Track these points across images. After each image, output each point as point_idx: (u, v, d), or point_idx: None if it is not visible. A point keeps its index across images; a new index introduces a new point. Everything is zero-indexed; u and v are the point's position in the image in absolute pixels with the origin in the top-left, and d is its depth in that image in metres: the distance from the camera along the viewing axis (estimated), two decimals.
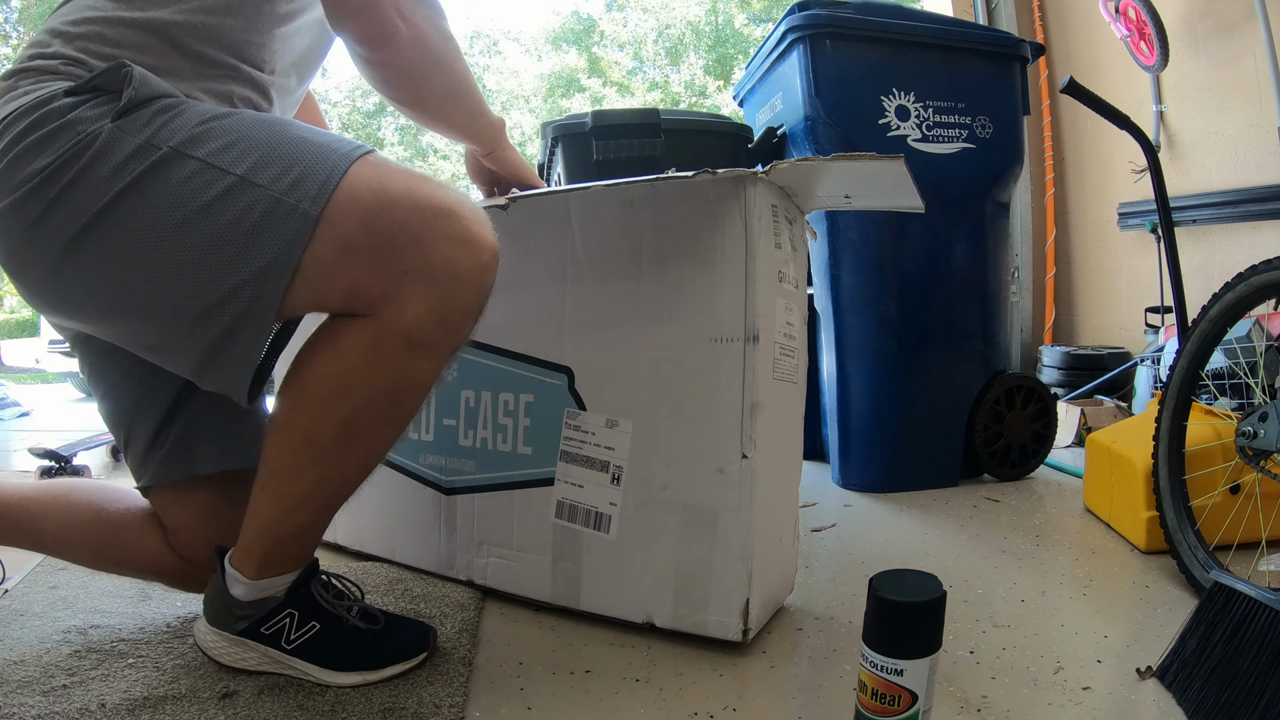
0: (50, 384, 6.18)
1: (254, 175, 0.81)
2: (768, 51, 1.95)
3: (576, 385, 1.11)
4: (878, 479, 1.86)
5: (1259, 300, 1.18)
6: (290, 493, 0.90)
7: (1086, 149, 3.19)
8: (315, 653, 0.96)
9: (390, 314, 0.83)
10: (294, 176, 0.81)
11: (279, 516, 0.91)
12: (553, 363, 1.13)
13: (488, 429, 1.20)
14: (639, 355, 1.06)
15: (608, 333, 1.08)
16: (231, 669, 0.97)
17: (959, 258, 1.85)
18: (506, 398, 1.17)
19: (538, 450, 1.14)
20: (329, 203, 0.81)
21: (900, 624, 0.70)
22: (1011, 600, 1.21)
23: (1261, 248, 2.33)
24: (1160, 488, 1.28)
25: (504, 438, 1.18)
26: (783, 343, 1.06)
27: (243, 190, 0.80)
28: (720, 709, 0.91)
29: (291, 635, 0.95)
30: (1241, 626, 0.91)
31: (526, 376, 1.15)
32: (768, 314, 1.01)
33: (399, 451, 1.31)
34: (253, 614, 0.95)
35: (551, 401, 1.13)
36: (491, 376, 1.19)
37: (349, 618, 0.98)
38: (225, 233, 0.80)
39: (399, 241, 0.82)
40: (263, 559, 0.93)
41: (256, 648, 0.96)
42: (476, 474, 1.21)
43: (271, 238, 0.80)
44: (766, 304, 1.00)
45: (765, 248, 1.00)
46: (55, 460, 2.00)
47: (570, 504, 1.12)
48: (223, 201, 0.80)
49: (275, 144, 0.83)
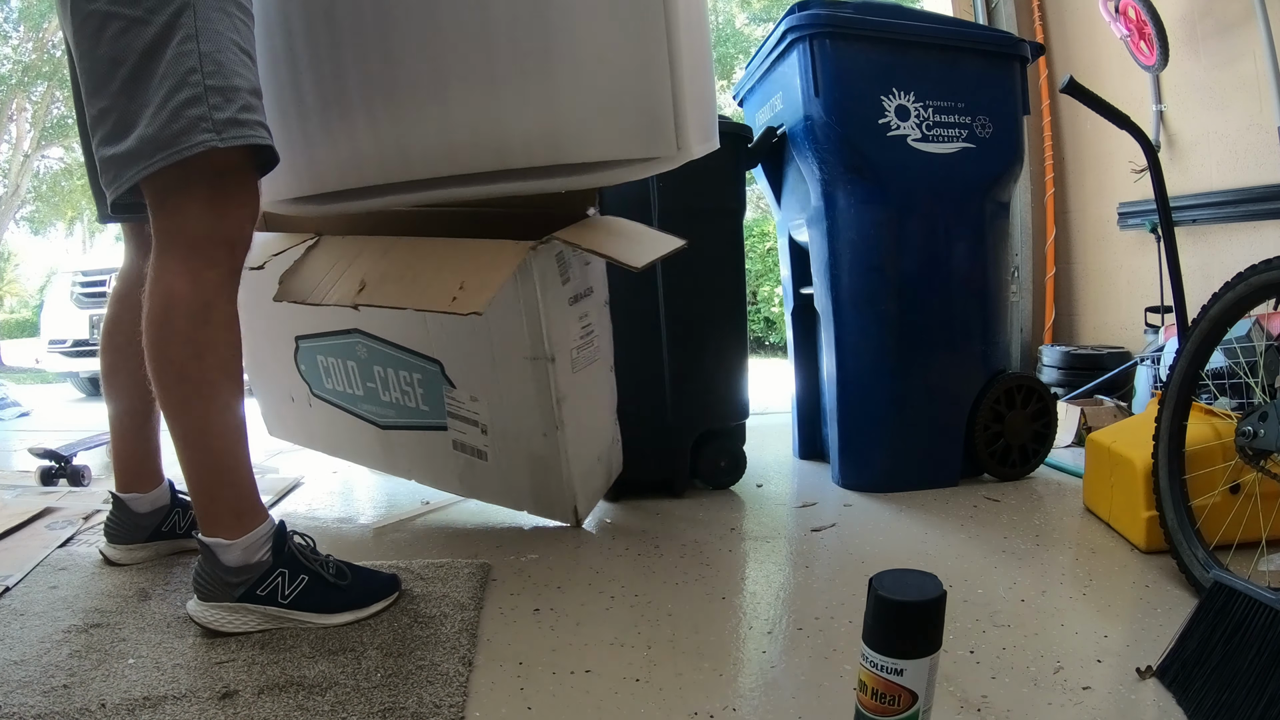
0: (50, 384, 6.18)
1: (210, 95, 1.01)
2: (768, 51, 1.95)
3: (447, 372, 1.54)
4: (878, 479, 1.86)
5: (1259, 300, 1.18)
6: (191, 427, 1.06)
7: (1086, 149, 3.19)
8: (309, 602, 1.11)
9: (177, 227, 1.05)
10: (227, 115, 1.02)
11: (198, 457, 1.07)
12: (429, 356, 1.56)
13: (397, 392, 1.67)
14: (485, 359, 1.47)
15: (463, 341, 1.49)
16: (231, 668, 0.97)
17: (959, 257, 1.85)
18: (404, 374, 1.63)
19: (433, 408, 1.61)
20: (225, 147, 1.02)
21: (900, 624, 0.70)
22: (1011, 600, 1.21)
23: (1261, 248, 2.33)
24: (1160, 487, 1.28)
25: (409, 398, 1.66)
26: (579, 345, 1.49)
27: (197, 93, 1.01)
28: (720, 709, 0.91)
29: (286, 591, 1.10)
30: (1241, 626, 0.91)
31: (414, 363, 1.60)
32: (561, 337, 1.41)
33: (345, 400, 1.81)
34: (247, 578, 1.08)
35: (433, 380, 1.58)
36: (391, 359, 1.64)
37: (325, 574, 1.14)
38: (167, 96, 1.00)
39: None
40: (229, 514, 1.08)
41: (255, 609, 1.09)
42: (398, 419, 1.71)
43: (184, 130, 1.00)
44: (559, 330, 1.41)
45: (553, 287, 1.38)
46: (55, 460, 2.00)
47: (460, 442, 1.61)
48: (179, 83, 1.00)
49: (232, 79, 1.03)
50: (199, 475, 1.08)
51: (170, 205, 1.05)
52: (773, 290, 7.85)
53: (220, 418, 1.07)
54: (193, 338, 1.05)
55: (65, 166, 12.33)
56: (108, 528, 1.38)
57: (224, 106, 1.02)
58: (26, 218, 13.42)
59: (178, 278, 1.04)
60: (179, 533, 1.41)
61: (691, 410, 1.82)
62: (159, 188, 1.05)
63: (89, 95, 1.05)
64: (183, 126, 1.00)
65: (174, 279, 1.04)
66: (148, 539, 1.38)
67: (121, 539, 1.37)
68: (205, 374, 1.06)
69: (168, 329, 1.04)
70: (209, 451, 1.07)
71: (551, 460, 1.48)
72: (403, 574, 1.28)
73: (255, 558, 1.09)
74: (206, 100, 1.00)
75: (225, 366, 1.08)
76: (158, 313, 1.05)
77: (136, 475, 1.37)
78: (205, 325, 1.05)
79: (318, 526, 1.67)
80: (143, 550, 1.38)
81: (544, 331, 1.37)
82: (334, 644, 1.06)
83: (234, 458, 1.09)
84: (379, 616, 1.15)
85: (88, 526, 1.60)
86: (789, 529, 1.61)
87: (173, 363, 1.05)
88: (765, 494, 1.88)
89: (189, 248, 1.06)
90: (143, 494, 1.37)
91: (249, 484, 1.11)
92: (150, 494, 1.38)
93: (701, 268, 1.79)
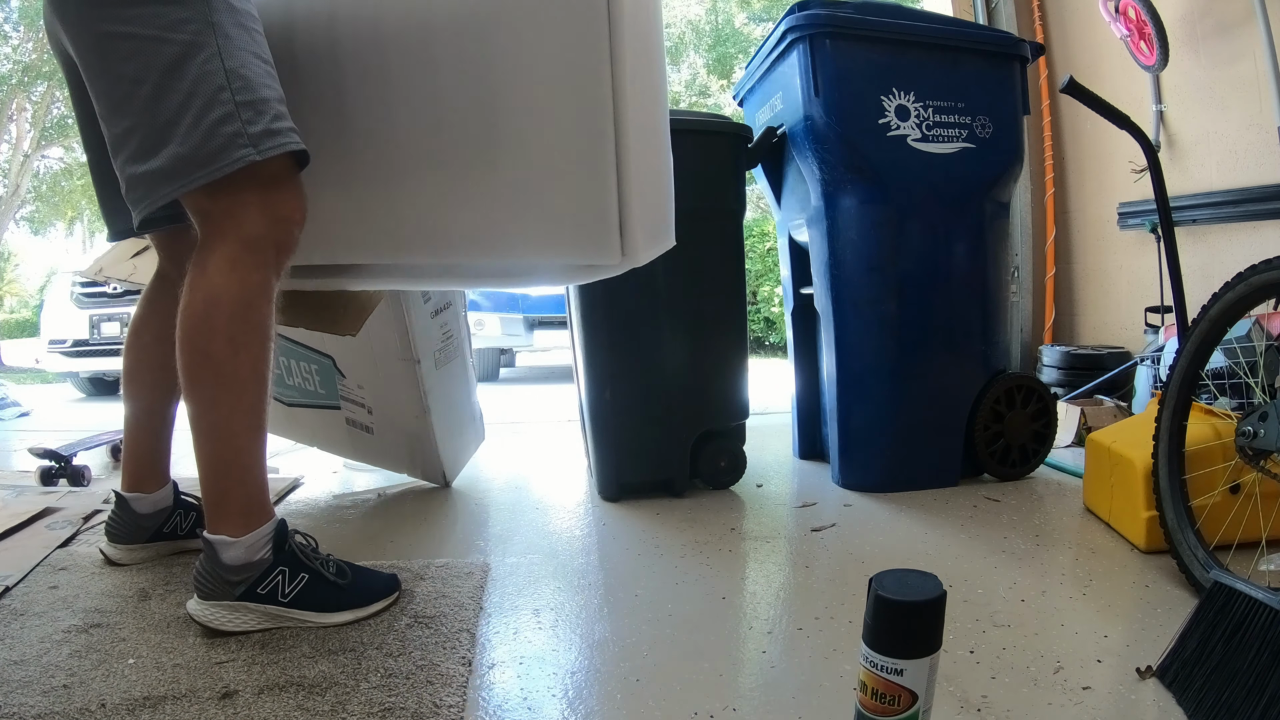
0: (50, 384, 6.18)
1: (242, 110, 1.04)
2: (768, 51, 1.95)
3: (338, 365, 1.88)
4: (878, 479, 1.86)
5: (1259, 300, 1.18)
6: (216, 423, 1.07)
7: (1086, 149, 3.19)
8: (309, 601, 1.11)
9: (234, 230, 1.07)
10: (261, 128, 1.04)
11: (220, 452, 1.08)
12: (322, 351, 1.89)
13: (299, 378, 2.01)
14: (368, 358, 1.81)
15: (350, 343, 1.73)
16: (231, 668, 0.97)
17: (959, 257, 1.85)
18: (304, 364, 1.97)
19: (329, 392, 1.97)
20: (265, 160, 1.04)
21: (900, 624, 0.69)
22: (1011, 600, 1.21)
23: (1261, 248, 2.33)
24: (1160, 487, 1.28)
25: (309, 384, 2.00)
26: (440, 346, 1.85)
27: (229, 110, 1.03)
28: (720, 709, 0.91)
29: (286, 589, 1.11)
30: (1241, 626, 0.91)
31: (311, 356, 1.93)
32: (424, 341, 1.76)
33: None
34: (248, 576, 1.08)
35: (328, 370, 1.92)
36: (295, 353, 1.96)
37: (326, 573, 1.15)
38: (199, 115, 1.01)
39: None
40: (238, 512, 1.08)
41: (255, 608, 1.09)
42: (300, 399, 2.05)
43: (222, 148, 1.02)
44: (424, 338, 1.76)
45: (416, 306, 1.74)
46: (55, 460, 2.00)
47: (351, 419, 1.97)
48: (210, 101, 1.02)
49: (261, 98, 1.06)
50: (215, 471, 1.08)
51: (218, 213, 1.07)
52: (773, 290, 7.86)
53: (245, 417, 1.09)
54: (232, 336, 1.06)
55: (65, 166, 12.34)
56: (109, 527, 1.38)
57: (256, 120, 1.03)
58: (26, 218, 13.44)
59: (224, 277, 1.06)
60: (180, 534, 1.41)
61: (691, 410, 1.82)
62: (203, 200, 1.06)
63: (107, 115, 1.06)
64: (220, 144, 1.01)
65: (220, 278, 1.06)
66: (149, 540, 1.38)
67: (122, 538, 1.37)
68: (239, 371, 1.07)
69: (208, 326, 1.05)
70: (230, 448, 1.08)
71: (424, 436, 1.86)
72: (403, 574, 1.29)
73: (256, 556, 1.09)
74: (240, 116, 1.02)
75: (257, 366, 1.09)
76: (199, 309, 1.06)
77: (145, 475, 1.38)
78: (245, 324, 1.07)
79: (318, 526, 1.67)
80: (143, 551, 1.38)
81: (411, 339, 1.72)
82: (334, 644, 1.06)
83: (251, 456, 1.10)
84: (379, 616, 1.15)
85: (88, 526, 1.60)
86: (789, 529, 1.61)
87: (210, 358, 1.06)
88: (765, 494, 1.88)
89: (241, 248, 1.07)
90: (147, 494, 1.37)
91: (261, 483, 1.12)
92: (154, 495, 1.38)
93: (701, 268, 1.79)
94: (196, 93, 1.01)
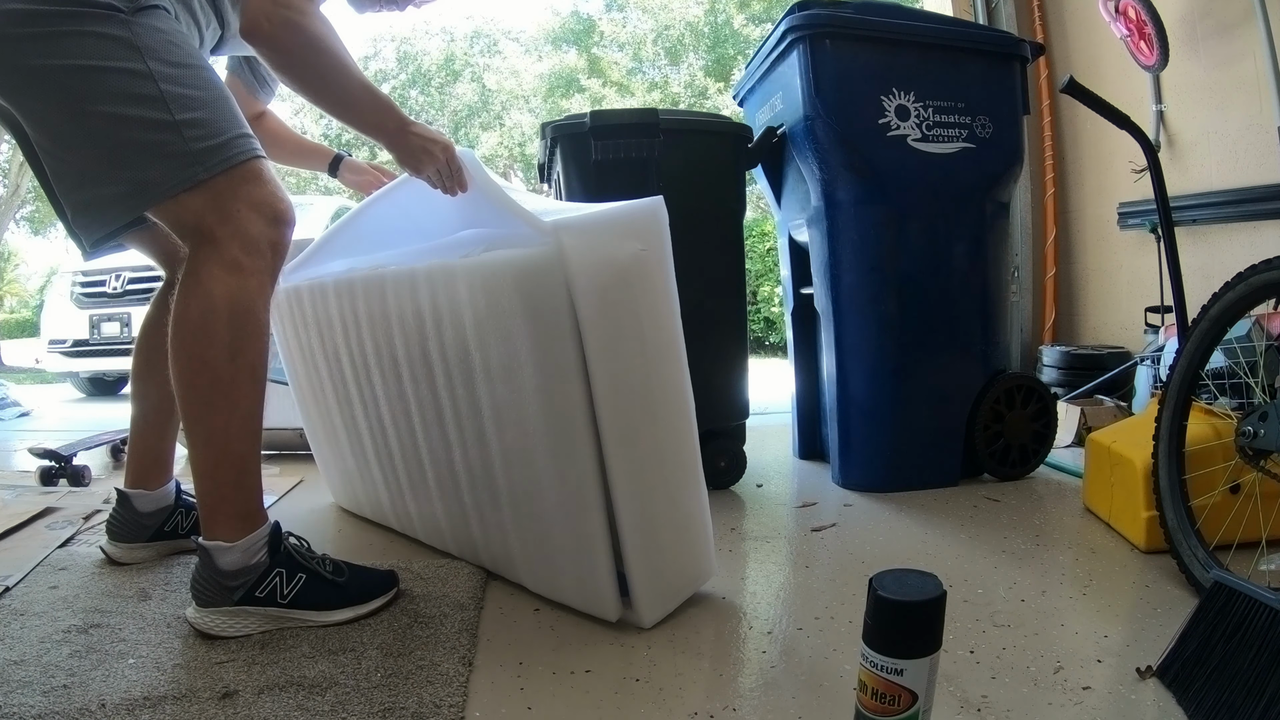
0: (50, 384, 6.18)
1: (185, 128, 1.05)
2: (767, 51, 1.95)
3: None
4: (878, 479, 1.86)
5: (1259, 300, 1.18)
6: (213, 429, 1.06)
7: (1086, 149, 3.19)
8: (308, 600, 1.12)
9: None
10: (207, 145, 1.05)
11: (216, 458, 1.07)
12: None
13: None
14: None
15: None
16: (231, 668, 0.97)
17: (959, 258, 1.85)
18: None
19: None
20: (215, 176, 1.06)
21: (900, 624, 0.69)
22: (1011, 600, 1.21)
23: (1261, 248, 2.33)
24: (1160, 487, 1.28)
25: None
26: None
27: (172, 130, 1.04)
28: (720, 709, 0.91)
29: (285, 591, 1.10)
30: (1241, 626, 0.91)
31: None
32: None
33: None
34: (245, 580, 1.08)
35: None
36: None
37: (323, 572, 1.15)
38: (140, 137, 1.03)
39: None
40: (234, 517, 1.08)
41: (255, 611, 1.09)
42: None
43: (166, 169, 1.04)
44: None
45: None
46: (55, 460, 2.00)
47: None
48: (153, 126, 1.03)
49: (214, 113, 1.08)
50: (213, 477, 1.08)
51: (208, 223, 1.07)
52: (773, 290, 7.85)
53: (242, 423, 1.08)
54: (229, 343, 1.05)
55: None
56: (110, 525, 1.39)
57: (205, 136, 1.05)
58: (26, 218, 13.43)
59: (219, 284, 1.05)
60: (180, 534, 1.41)
61: None
62: (176, 213, 1.07)
63: (48, 145, 1.07)
64: (174, 165, 1.03)
65: (215, 285, 1.05)
66: (149, 539, 1.39)
67: (123, 537, 1.37)
68: (236, 377, 1.07)
69: (205, 333, 1.05)
70: (227, 454, 1.08)
71: None
72: (403, 574, 1.29)
73: (253, 560, 1.09)
74: (182, 133, 1.03)
75: (254, 371, 1.09)
76: (196, 317, 1.05)
77: (149, 472, 1.39)
78: (242, 331, 1.06)
79: (318, 526, 1.67)
80: (144, 550, 1.38)
81: None
82: (334, 644, 1.06)
83: (248, 461, 1.10)
84: (379, 616, 1.15)
85: (88, 526, 1.60)
86: (789, 529, 1.61)
87: (208, 365, 1.05)
88: (765, 494, 1.88)
89: (240, 250, 1.07)
90: (149, 491, 1.38)
91: (257, 488, 1.12)
92: (156, 492, 1.39)
93: (701, 268, 1.79)
94: (137, 121, 1.02)
